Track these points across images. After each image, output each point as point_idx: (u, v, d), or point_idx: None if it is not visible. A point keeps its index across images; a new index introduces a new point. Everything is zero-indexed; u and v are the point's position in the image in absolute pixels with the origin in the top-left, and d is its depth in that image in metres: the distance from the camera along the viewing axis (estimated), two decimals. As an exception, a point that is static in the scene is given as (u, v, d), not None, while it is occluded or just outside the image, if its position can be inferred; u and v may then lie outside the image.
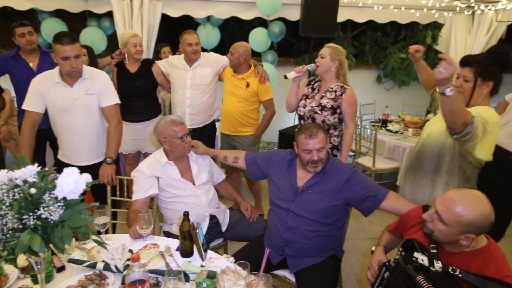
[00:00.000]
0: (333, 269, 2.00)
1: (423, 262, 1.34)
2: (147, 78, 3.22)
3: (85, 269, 1.56)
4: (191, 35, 3.10)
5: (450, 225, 1.31)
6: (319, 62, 2.62)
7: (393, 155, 4.10)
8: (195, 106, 3.21)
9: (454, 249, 1.37)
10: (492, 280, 1.25)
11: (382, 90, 5.87)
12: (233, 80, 3.18)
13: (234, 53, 3.07)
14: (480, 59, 1.82)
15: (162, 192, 2.19)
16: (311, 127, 1.93)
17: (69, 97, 2.29)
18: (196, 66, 3.17)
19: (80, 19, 4.56)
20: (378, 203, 1.90)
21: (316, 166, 1.93)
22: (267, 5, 4.20)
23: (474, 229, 1.28)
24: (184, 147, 2.16)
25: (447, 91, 1.51)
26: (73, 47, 2.15)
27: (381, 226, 3.55)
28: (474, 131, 1.65)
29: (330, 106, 2.59)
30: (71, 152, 2.43)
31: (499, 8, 4.28)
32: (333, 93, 2.62)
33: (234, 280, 1.50)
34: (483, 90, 1.83)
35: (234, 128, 3.26)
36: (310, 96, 2.71)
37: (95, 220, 1.77)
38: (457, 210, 1.29)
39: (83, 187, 1.07)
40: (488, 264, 1.31)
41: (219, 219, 2.32)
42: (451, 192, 1.36)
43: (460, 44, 4.74)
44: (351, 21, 5.03)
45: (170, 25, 5.20)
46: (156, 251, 1.70)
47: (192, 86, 3.18)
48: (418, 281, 1.26)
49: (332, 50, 2.61)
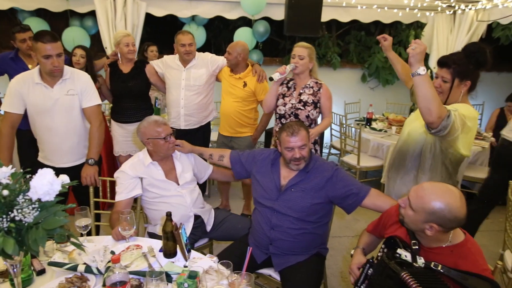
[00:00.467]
0: (317, 266, 2.02)
1: (406, 258, 1.36)
2: (140, 79, 3.19)
3: (66, 271, 1.54)
4: (185, 35, 3.06)
5: (416, 211, 1.35)
6: (298, 63, 2.66)
7: (378, 153, 4.15)
8: (189, 107, 3.18)
9: (431, 243, 1.40)
10: (472, 275, 1.27)
11: (367, 89, 5.93)
12: (231, 80, 3.16)
13: (232, 52, 3.05)
14: (457, 60, 1.84)
15: (146, 192, 2.17)
16: (293, 125, 1.94)
17: (50, 97, 2.25)
18: (190, 66, 3.14)
19: (62, 19, 4.49)
20: (360, 201, 1.92)
21: (299, 163, 1.95)
22: (251, 4, 4.21)
23: (436, 219, 1.31)
24: (168, 148, 2.15)
25: (420, 70, 1.56)
26: (54, 46, 2.12)
27: (366, 223, 3.57)
28: (452, 125, 1.66)
29: (311, 101, 2.68)
30: (52, 154, 2.39)
31: (479, 8, 4.36)
32: (311, 89, 2.71)
33: (217, 279, 1.49)
34: (461, 89, 1.86)
35: (233, 129, 3.24)
36: (288, 94, 2.75)
37: (77, 222, 1.75)
38: (424, 197, 1.34)
39: (58, 188, 1.05)
40: (466, 258, 1.33)
41: (204, 219, 2.31)
42: (427, 182, 1.41)
43: (442, 43, 4.83)
44: (335, 21, 5.08)
45: (155, 24, 5.17)
46: (138, 252, 1.69)
47: (186, 87, 3.15)
48: (403, 277, 1.28)
49: (310, 51, 2.69)
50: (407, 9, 4.69)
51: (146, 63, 3.26)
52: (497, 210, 3.94)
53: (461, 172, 3.68)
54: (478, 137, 4.08)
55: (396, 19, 4.89)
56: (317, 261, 2.03)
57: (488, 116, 4.94)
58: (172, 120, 3.23)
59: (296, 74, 2.73)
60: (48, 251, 1.66)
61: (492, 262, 2.43)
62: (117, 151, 3.35)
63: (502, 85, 5.74)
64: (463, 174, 3.75)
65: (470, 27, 4.57)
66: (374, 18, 4.82)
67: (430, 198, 1.32)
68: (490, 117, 4.76)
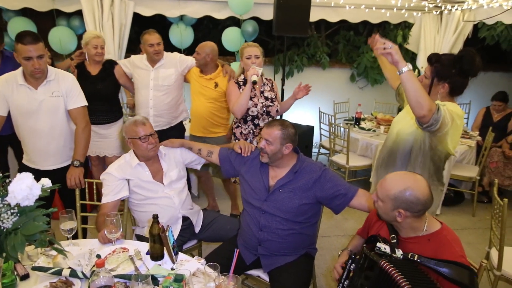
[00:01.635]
0: (306, 267, 2.02)
1: (385, 250, 1.42)
2: (109, 81, 3.13)
3: (50, 276, 1.51)
4: (152, 35, 3.03)
5: (384, 200, 1.45)
6: (257, 62, 2.72)
7: (366, 152, 4.18)
8: (158, 107, 3.15)
9: (408, 233, 1.47)
10: (450, 263, 1.33)
11: (355, 89, 5.96)
12: (201, 81, 3.14)
13: (201, 52, 3.03)
14: (442, 60, 1.85)
15: (133, 194, 2.15)
16: (276, 121, 2.00)
17: (34, 99, 2.21)
18: (158, 66, 3.12)
19: (49, 18, 4.42)
20: (348, 201, 1.93)
21: (262, 155, 1.98)
22: (239, 4, 4.19)
23: (401, 204, 1.40)
24: (146, 148, 2.10)
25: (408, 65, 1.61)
26: (36, 47, 2.08)
27: (355, 222, 3.61)
28: (442, 119, 1.67)
29: (274, 96, 2.86)
30: (37, 156, 2.35)
31: (465, 8, 4.41)
32: (268, 86, 2.88)
33: (204, 282, 1.49)
34: (438, 90, 1.88)
35: (206, 129, 3.22)
36: (252, 95, 2.77)
37: (61, 225, 1.72)
38: (386, 186, 1.45)
39: (38, 193, 1.03)
40: (443, 246, 1.40)
41: (193, 220, 2.30)
42: (390, 173, 1.50)
43: (430, 43, 4.87)
44: (324, 21, 5.09)
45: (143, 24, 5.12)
46: (125, 255, 1.67)
47: (155, 87, 3.12)
48: (382, 264, 1.34)
49: (261, 49, 2.80)
50: (395, 9, 4.72)
51: (114, 64, 3.19)
52: (484, 208, 4.01)
53: (448, 171, 3.72)
54: (464, 136, 4.13)
55: (384, 19, 4.92)
56: (306, 261, 2.03)
57: (474, 115, 5.01)
58: None
59: None
60: (32, 255, 1.64)
61: (478, 259, 2.46)
62: None
63: (488, 85, 5.82)
64: (451, 172, 3.79)
65: (457, 27, 4.62)
66: (362, 18, 4.84)
67: (391, 185, 1.43)
68: (477, 116, 4.83)
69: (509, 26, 4.81)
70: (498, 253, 2.21)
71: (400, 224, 1.46)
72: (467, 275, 1.31)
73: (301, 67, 5.49)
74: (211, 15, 4.49)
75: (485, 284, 2.38)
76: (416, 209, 1.39)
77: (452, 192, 4.08)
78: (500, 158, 4.03)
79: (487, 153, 3.85)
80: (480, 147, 4.02)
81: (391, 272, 1.30)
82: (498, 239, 2.18)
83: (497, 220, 2.24)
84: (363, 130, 4.35)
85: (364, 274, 1.46)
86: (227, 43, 4.58)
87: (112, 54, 3.90)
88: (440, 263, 1.33)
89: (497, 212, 2.24)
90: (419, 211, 1.40)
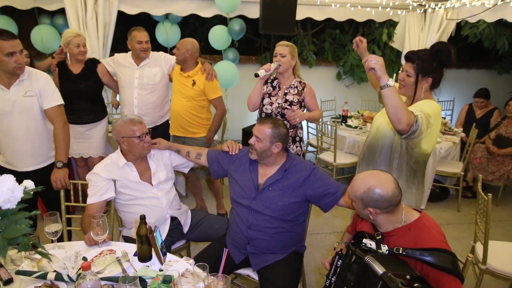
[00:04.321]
0: (295, 265, 2.02)
1: (371, 246, 1.46)
2: (92, 80, 3.07)
3: (35, 280, 1.47)
4: (141, 32, 2.99)
5: (354, 201, 1.52)
6: (281, 61, 2.68)
7: (353, 149, 4.21)
8: (143, 106, 3.11)
9: (388, 227, 1.51)
10: (432, 250, 1.38)
11: (342, 87, 6.00)
12: (180, 79, 3.08)
13: (180, 48, 2.98)
14: (422, 56, 1.88)
15: (119, 195, 2.12)
16: (269, 118, 2.01)
17: (7, 100, 2.15)
18: (143, 65, 3.07)
19: (31, 17, 4.32)
20: (337, 200, 1.93)
21: (251, 152, 1.99)
22: (225, 2, 4.17)
23: (369, 202, 1.46)
24: (143, 147, 2.10)
25: (390, 81, 1.62)
26: (17, 42, 2.06)
27: (343, 219, 3.64)
28: (419, 129, 1.71)
29: (297, 100, 2.72)
30: (13, 158, 2.29)
31: (448, 6, 4.48)
32: (295, 89, 2.74)
33: (193, 282, 1.47)
34: (423, 85, 1.91)
35: (184, 129, 3.15)
36: (273, 94, 2.76)
37: (46, 228, 1.69)
38: (353, 187, 1.52)
39: (20, 195, 1.00)
40: (423, 233, 1.45)
41: (181, 220, 2.28)
42: (359, 174, 1.57)
43: (414, 41, 4.93)
44: (310, 19, 5.10)
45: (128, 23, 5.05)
46: (112, 257, 1.64)
47: (140, 86, 3.07)
48: (367, 261, 1.37)
49: (291, 48, 2.71)
50: (380, 8, 4.77)
51: (97, 62, 3.14)
52: (468, 203, 4.09)
53: (433, 168, 3.78)
54: (449, 132, 4.20)
55: (369, 18, 4.96)
56: (295, 259, 2.04)
57: (458, 112, 5.10)
58: None
59: (280, 73, 2.74)
60: (16, 259, 1.60)
61: (464, 253, 2.50)
62: (70, 153, 3.21)
63: (471, 82, 5.93)
64: (436, 169, 3.85)
65: (440, 25, 4.69)
66: (348, 16, 4.87)
67: (357, 186, 1.49)
68: (460, 113, 4.92)
69: (491, 24, 4.91)
70: (483, 247, 2.25)
71: (375, 221, 1.51)
72: (449, 259, 1.37)
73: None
74: (197, 14, 4.46)
75: (471, 277, 2.42)
76: (383, 206, 1.44)
77: (437, 188, 4.15)
78: (484, 153, 4.11)
79: (471, 149, 3.92)
80: (464, 143, 4.09)
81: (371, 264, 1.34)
82: (483, 234, 2.21)
83: (482, 215, 2.28)
84: (350, 127, 4.39)
85: (350, 270, 1.48)
86: (214, 42, 4.56)
87: (97, 53, 3.84)
88: (424, 253, 1.38)
89: (482, 207, 2.28)
90: (387, 207, 1.45)
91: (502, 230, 3.55)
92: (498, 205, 4.03)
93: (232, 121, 5.03)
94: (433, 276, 1.38)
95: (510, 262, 2.25)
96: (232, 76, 4.44)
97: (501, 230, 3.56)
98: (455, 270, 1.36)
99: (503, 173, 3.98)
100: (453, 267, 1.36)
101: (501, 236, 3.42)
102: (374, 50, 5.73)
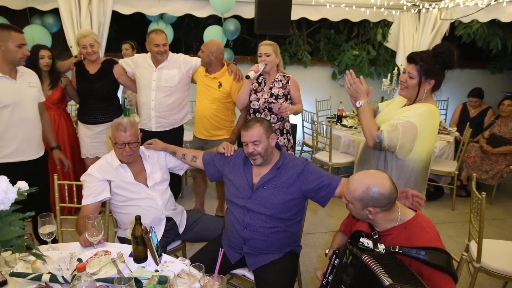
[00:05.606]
0: (291, 265, 2.02)
1: (368, 245, 1.46)
2: (107, 80, 3.09)
3: (29, 282, 1.46)
4: (159, 35, 2.94)
5: (352, 202, 1.52)
6: (266, 60, 2.78)
7: (349, 149, 4.23)
8: (160, 108, 3.07)
9: (385, 225, 1.52)
10: (428, 249, 1.39)
11: (337, 86, 6.01)
12: (206, 80, 3.06)
13: (205, 50, 2.97)
14: (425, 57, 1.88)
15: (114, 196, 2.11)
16: (251, 121, 2.00)
17: (16, 89, 2.31)
18: (162, 67, 3.03)
19: (23, 17, 4.30)
20: (333, 191, 1.92)
21: (254, 159, 1.97)
22: (220, 2, 4.17)
23: (368, 202, 1.46)
24: (120, 154, 2.05)
25: (359, 103, 1.94)
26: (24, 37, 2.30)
27: (339, 219, 3.65)
28: (383, 144, 1.86)
29: (282, 94, 2.83)
30: (25, 145, 2.39)
31: (442, 6, 4.51)
32: (280, 83, 2.86)
33: (189, 283, 1.47)
34: (425, 87, 1.92)
35: (208, 132, 3.12)
36: (259, 89, 2.85)
37: (40, 229, 1.67)
38: (350, 189, 1.51)
39: (14, 197, 0.99)
40: (419, 231, 1.46)
41: (176, 221, 2.27)
42: (353, 175, 1.58)
43: (408, 41, 4.96)
44: (305, 19, 5.11)
45: (123, 23, 5.03)
46: (107, 258, 1.64)
47: (157, 88, 3.04)
48: (364, 259, 1.37)
49: (274, 47, 2.83)
50: (374, 8, 4.79)
51: (114, 63, 3.15)
52: (462, 202, 4.12)
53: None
54: (443, 132, 4.23)
55: (364, 18, 4.98)
56: (291, 259, 2.04)
57: (452, 112, 5.14)
58: (143, 122, 3.14)
59: (266, 71, 2.83)
60: (10, 261, 1.58)
61: (459, 252, 2.52)
62: (84, 153, 3.25)
63: (465, 82, 5.97)
64: (430, 168, 3.87)
65: (434, 25, 4.72)
66: (342, 16, 4.89)
67: (354, 187, 1.50)
68: (454, 112, 4.96)
69: (484, 24, 4.94)
70: (477, 246, 2.26)
71: (373, 221, 1.52)
72: (444, 258, 1.39)
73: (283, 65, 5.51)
74: (192, 14, 4.45)
75: (465, 275, 2.44)
76: (383, 203, 1.46)
77: (432, 187, 4.17)
78: (478, 153, 4.14)
79: (465, 148, 3.94)
80: (458, 142, 4.12)
81: (372, 266, 1.34)
82: (477, 232, 2.23)
83: (476, 213, 2.29)
84: (345, 127, 4.40)
85: (347, 268, 1.49)
86: (209, 42, 4.54)
87: (91, 53, 3.82)
88: (420, 251, 1.39)
89: (476, 206, 2.29)
90: (386, 204, 1.46)
91: (496, 229, 3.58)
92: (492, 204, 4.06)
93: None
94: (428, 274, 1.39)
95: (504, 260, 2.26)
96: (228, 76, 4.43)
97: (495, 228, 3.59)
98: (449, 269, 1.38)
99: (497, 171, 4.02)
100: (447, 266, 1.38)
101: (495, 234, 3.45)
102: (369, 50, 5.75)
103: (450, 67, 1.90)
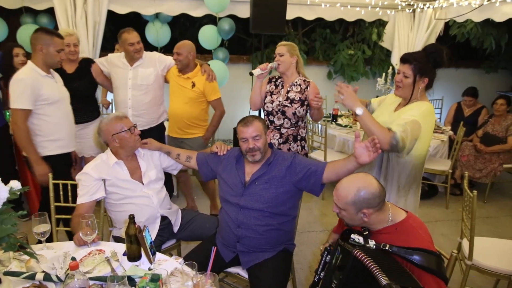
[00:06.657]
0: (284, 263, 2.04)
1: (359, 241, 1.48)
2: (86, 79, 3.06)
3: (23, 281, 1.47)
4: (131, 33, 2.94)
5: (345, 209, 1.51)
6: (279, 60, 2.68)
7: (344, 148, 4.24)
8: (137, 107, 3.07)
9: (377, 226, 1.53)
10: (419, 250, 1.40)
11: (333, 86, 5.97)
12: (179, 80, 3.06)
13: (182, 52, 2.95)
14: (418, 57, 1.94)
15: (110, 194, 2.11)
16: (249, 117, 2.01)
17: (58, 87, 2.54)
18: (137, 65, 3.03)
19: (18, 16, 4.30)
20: (320, 176, 1.93)
21: (254, 154, 1.98)
22: (215, 2, 4.18)
23: (362, 204, 1.47)
24: (134, 140, 2.12)
25: (357, 111, 1.85)
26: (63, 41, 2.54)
27: (333, 217, 3.66)
28: (398, 145, 1.83)
29: (298, 98, 2.67)
30: (71, 138, 2.65)
31: (436, 6, 4.54)
32: (298, 87, 2.71)
33: (182, 281, 1.48)
34: (420, 86, 1.96)
35: (182, 131, 3.15)
36: (275, 92, 2.75)
37: (34, 228, 1.68)
38: (340, 195, 1.51)
39: (6, 196, 1.00)
40: (410, 233, 1.47)
41: (171, 220, 2.28)
42: (339, 182, 1.57)
43: (403, 40, 4.99)
44: (301, 19, 5.13)
45: (118, 22, 5.03)
46: (101, 257, 1.64)
47: (134, 86, 3.04)
48: (356, 253, 1.38)
49: (289, 47, 2.72)
50: (369, 8, 4.81)
51: (91, 62, 3.13)
52: (456, 200, 4.15)
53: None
54: (437, 131, 4.26)
55: (359, 17, 5.00)
56: (284, 257, 2.05)
57: (447, 110, 5.17)
58: None
59: (282, 72, 2.73)
60: (4, 260, 1.59)
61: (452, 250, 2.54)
62: None
63: (459, 81, 6.01)
64: (424, 167, 3.89)
65: (429, 25, 4.75)
66: (338, 16, 4.91)
67: (345, 192, 1.50)
68: (449, 111, 4.98)
69: (478, 24, 4.98)
70: (469, 243, 2.29)
71: (368, 223, 1.53)
72: (434, 260, 1.39)
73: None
74: (187, 13, 4.45)
75: (457, 273, 2.46)
76: (375, 203, 1.47)
77: (426, 186, 4.20)
78: (471, 151, 4.17)
79: (458, 147, 3.97)
80: (453, 141, 4.15)
81: (364, 260, 1.35)
82: (469, 230, 2.25)
83: (468, 211, 2.32)
84: (340, 126, 4.42)
85: (339, 264, 1.50)
86: (204, 41, 4.56)
87: (86, 53, 3.82)
88: (411, 251, 1.40)
89: (467, 204, 2.32)
90: (378, 204, 1.48)
91: (489, 227, 3.61)
92: (486, 202, 4.09)
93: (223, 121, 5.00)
94: (418, 276, 1.39)
95: (496, 258, 2.29)
96: (222, 75, 4.45)
97: (488, 226, 3.62)
98: (439, 271, 1.38)
99: (490, 170, 4.05)
100: (437, 268, 1.38)
101: (488, 232, 3.48)
102: (364, 49, 5.77)
103: (441, 66, 1.96)
